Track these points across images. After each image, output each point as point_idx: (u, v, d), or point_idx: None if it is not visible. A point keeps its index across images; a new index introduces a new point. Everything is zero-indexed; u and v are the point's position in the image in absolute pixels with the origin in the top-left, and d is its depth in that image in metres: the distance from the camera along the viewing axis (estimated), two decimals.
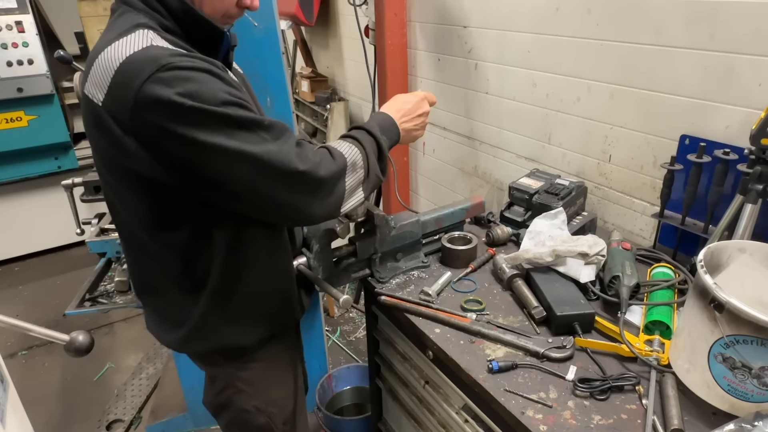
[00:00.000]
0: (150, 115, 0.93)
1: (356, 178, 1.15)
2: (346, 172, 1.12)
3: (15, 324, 1.16)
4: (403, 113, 1.30)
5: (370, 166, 1.17)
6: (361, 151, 1.15)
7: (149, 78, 0.91)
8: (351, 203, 1.16)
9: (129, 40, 0.98)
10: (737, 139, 1.37)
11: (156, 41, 0.99)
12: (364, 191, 1.18)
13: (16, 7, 3.30)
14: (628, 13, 1.58)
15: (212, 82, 0.97)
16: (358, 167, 1.14)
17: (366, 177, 1.17)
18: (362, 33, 2.78)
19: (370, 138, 1.19)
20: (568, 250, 1.36)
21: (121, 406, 2.62)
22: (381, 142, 1.20)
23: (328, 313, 3.24)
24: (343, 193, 1.13)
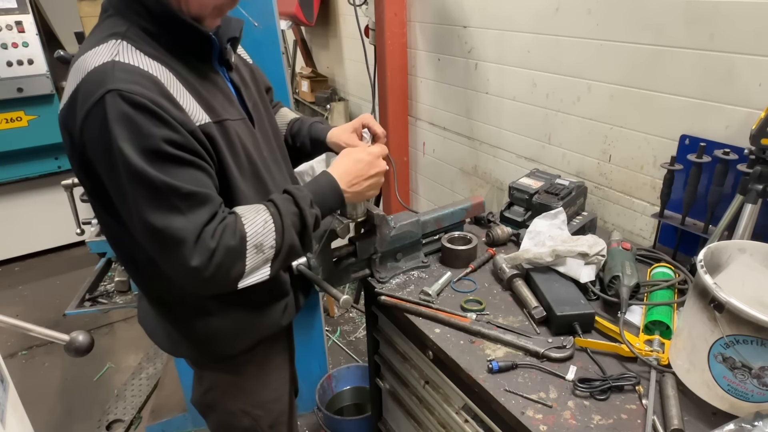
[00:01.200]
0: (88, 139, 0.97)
1: (260, 258, 1.06)
2: (246, 254, 1.03)
3: (15, 324, 1.15)
4: (352, 176, 1.22)
5: (284, 242, 1.07)
6: (276, 227, 1.06)
7: (95, 103, 0.93)
8: (250, 281, 1.06)
9: (97, 52, 0.98)
10: (737, 139, 1.37)
11: (122, 55, 0.98)
12: (272, 269, 1.09)
13: (16, 7, 3.30)
14: (628, 13, 1.58)
15: (147, 125, 0.94)
16: (265, 247, 1.05)
17: (276, 256, 1.08)
18: (362, 33, 2.79)
19: (295, 210, 1.10)
20: (568, 250, 1.36)
21: (121, 406, 2.62)
22: (305, 216, 1.10)
23: (328, 313, 3.24)
24: (240, 275, 1.04)
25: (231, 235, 1.00)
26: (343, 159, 1.25)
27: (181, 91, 1.02)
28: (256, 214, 1.06)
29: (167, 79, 1.01)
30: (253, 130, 1.22)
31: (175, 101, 0.99)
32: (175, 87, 1.01)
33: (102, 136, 0.94)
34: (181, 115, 0.99)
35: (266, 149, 1.26)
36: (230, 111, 1.14)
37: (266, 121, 1.31)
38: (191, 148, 0.99)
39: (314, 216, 1.12)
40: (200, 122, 1.03)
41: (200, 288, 1.04)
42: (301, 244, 1.12)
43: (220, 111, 1.10)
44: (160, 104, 0.95)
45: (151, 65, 1.00)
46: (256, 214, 1.06)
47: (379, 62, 2.72)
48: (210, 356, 1.29)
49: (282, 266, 1.12)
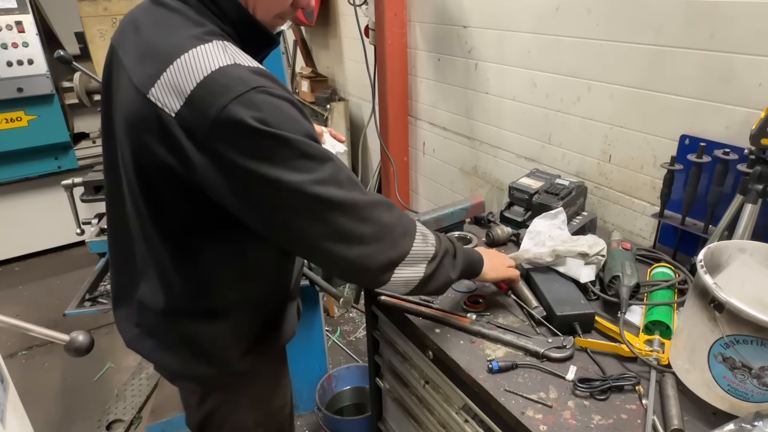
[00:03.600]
0: (230, 136, 0.87)
1: (422, 250, 1.05)
2: (416, 235, 1.05)
3: (15, 324, 1.16)
4: (490, 263, 1.27)
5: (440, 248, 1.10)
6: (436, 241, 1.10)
7: (237, 98, 0.85)
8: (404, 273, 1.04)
9: (211, 50, 0.91)
10: (737, 139, 1.37)
11: (238, 57, 0.92)
12: (426, 269, 1.06)
13: (16, 7, 3.30)
14: (628, 13, 1.58)
15: (296, 114, 0.91)
16: (428, 242, 1.07)
17: (434, 257, 1.07)
18: (362, 33, 2.78)
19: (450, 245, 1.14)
20: (568, 250, 1.36)
21: (121, 406, 2.62)
22: (458, 251, 1.15)
23: (328, 313, 3.24)
24: (404, 254, 1.03)
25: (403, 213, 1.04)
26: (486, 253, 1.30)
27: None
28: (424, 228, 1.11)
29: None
30: None
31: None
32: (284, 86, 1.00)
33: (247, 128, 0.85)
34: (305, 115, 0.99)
35: None
36: None
37: None
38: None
39: (461, 250, 1.17)
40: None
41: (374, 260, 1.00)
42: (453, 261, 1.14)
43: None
44: (293, 101, 0.93)
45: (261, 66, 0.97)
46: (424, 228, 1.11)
47: (379, 62, 2.72)
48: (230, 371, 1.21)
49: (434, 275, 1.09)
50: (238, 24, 1.02)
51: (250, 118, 0.85)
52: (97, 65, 2.62)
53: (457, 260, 1.14)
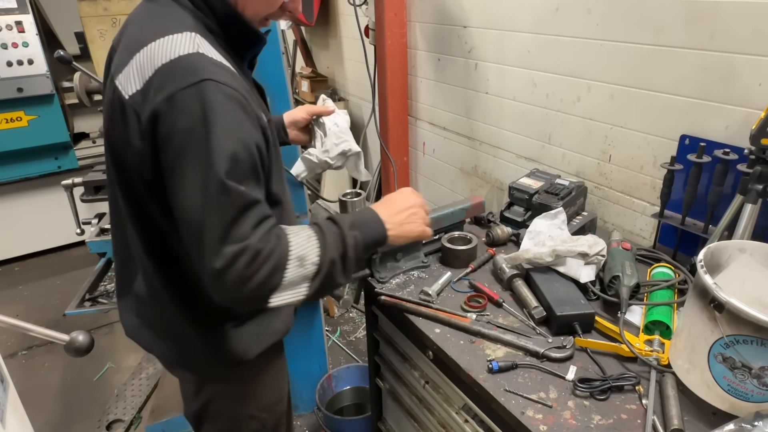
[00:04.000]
0: (169, 122, 0.91)
1: (299, 273, 0.99)
2: (287, 265, 0.97)
3: (15, 324, 1.16)
4: (391, 208, 1.19)
5: (325, 259, 1.01)
6: (319, 243, 1.01)
7: (188, 86, 0.90)
8: (284, 297, 0.99)
9: (178, 40, 0.95)
10: (737, 139, 1.37)
11: (203, 48, 0.96)
12: (310, 288, 1.01)
13: (16, 7, 3.30)
14: (628, 13, 1.58)
15: (243, 119, 0.94)
16: (307, 262, 0.99)
17: (316, 274, 1.01)
18: (362, 33, 2.78)
19: (336, 230, 1.06)
20: (568, 250, 1.36)
21: (121, 406, 2.62)
22: (345, 237, 1.05)
23: (328, 313, 3.24)
24: (276, 286, 0.97)
25: (275, 240, 0.96)
26: (380, 201, 1.24)
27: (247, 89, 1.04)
28: (300, 230, 1.03)
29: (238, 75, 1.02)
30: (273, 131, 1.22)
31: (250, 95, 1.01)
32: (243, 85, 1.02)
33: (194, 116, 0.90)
34: (257, 109, 1.01)
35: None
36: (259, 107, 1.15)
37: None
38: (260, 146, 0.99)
39: (353, 237, 1.06)
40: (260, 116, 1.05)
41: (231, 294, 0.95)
42: (343, 266, 1.05)
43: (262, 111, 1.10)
44: (246, 98, 0.96)
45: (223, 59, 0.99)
46: (300, 230, 1.03)
47: (379, 62, 2.72)
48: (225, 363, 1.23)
49: (320, 289, 1.03)
50: (223, 20, 1.05)
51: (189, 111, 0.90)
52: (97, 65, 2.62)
53: (348, 261, 1.06)
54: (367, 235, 1.11)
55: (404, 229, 1.18)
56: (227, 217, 0.92)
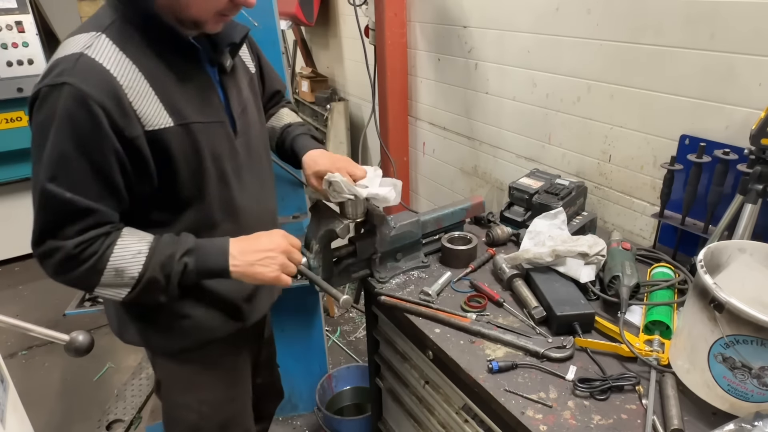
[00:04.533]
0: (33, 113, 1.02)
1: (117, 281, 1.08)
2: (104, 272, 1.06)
3: (15, 324, 1.16)
4: (247, 245, 1.16)
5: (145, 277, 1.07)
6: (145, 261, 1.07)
7: (52, 87, 0.98)
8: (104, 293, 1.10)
9: (75, 41, 1.03)
10: (737, 139, 1.37)
11: (93, 49, 1.01)
12: (128, 296, 1.10)
13: (16, 7, 3.30)
14: (628, 13, 1.58)
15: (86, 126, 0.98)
16: (125, 276, 1.07)
17: (134, 286, 1.08)
18: (362, 33, 2.78)
19: (170, 252, 1.09)
20: (568, 250, 1.36)
21: (121, 406, 2.62)
22: (173, 262, 1.08)
23: (328, 313, 3.24)
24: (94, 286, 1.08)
25: (96, 249, 1.04)
26: (248, 236, 1.20)
27: (144, 94, 1.04)
28: (136, 243, 1.08)
29: (132, 80, 1.03)
30: (230, 135, 1.21)
31: (125, 106, 1.01)
32: (136, 89, 1.03)
33: (45, 116, 0.99)
34: (124, 122, 1.01)
35: (245, 156, 1.25)
36: (207, 113, 1.14)
37: (254, 129, 1.30)
38: (115, 160, 1.02)
39: (183, 264, 1.09)
40: (154, 127, 1.05)
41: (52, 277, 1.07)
42: (165, 286, 1.10)
43: (188, 113, 1.10)
44: (106, 108, 0.99)
45: (119, 63, 1.02)
46: (136, 243, 1.08)
47: (379, 62, 2.72)
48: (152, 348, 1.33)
49: (140, 297, 1.10)
50: (146, 19, 1.06)
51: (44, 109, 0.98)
52: None
53: (171, 284, 1.10)
54: (202, 264, 1.12)
55: (253, 270, 1.15)
56: (49, 217, 1.01)
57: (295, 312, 2.27)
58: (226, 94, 1.21)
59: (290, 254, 1.20)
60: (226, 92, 1.21)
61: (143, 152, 1.05)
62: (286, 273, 1.19)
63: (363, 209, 1.37)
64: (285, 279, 1.18)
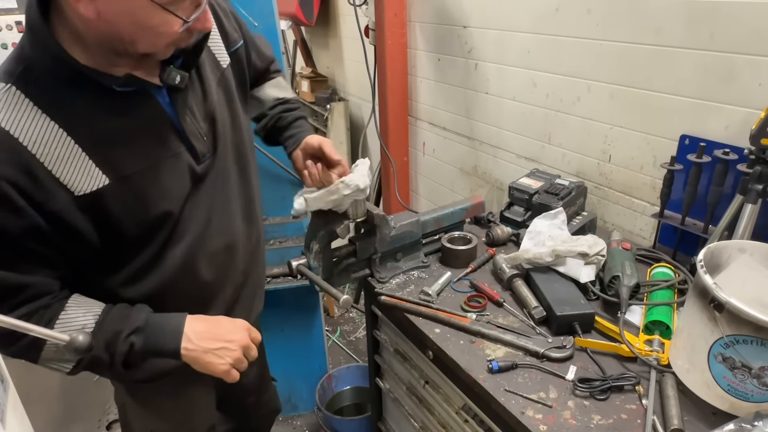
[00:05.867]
0: None
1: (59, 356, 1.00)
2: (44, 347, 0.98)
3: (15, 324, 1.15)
4: (205, 331, 1.08)
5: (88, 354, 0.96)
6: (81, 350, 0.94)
7: None
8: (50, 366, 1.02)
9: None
10: (737, 139, 1.37)
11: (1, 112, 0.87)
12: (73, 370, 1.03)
13: (16, 7, 3.30)
14: (628, 13, 1.58)
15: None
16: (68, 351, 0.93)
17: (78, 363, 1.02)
18: (362, 33, 2.78)
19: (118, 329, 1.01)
20: (568, 250, 1.36)
21: None
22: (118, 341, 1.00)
23: (328, 313, 3.24)
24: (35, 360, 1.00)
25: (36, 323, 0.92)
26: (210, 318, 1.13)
27: (65, 155, 0.91)
28: (82, 316, 0.99)
29: (48, 142, 0.90)
30: (191, 164, 1.09)
31: (40, 177, 0.89)
32: (54, 152, 0.90)
33: None
34: (41, 195, 0.90)
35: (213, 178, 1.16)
36: (154, 152, 1.02)
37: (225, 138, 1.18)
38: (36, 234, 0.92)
39: (129, 344, 1.01)
40: (85, 191, 0.94)
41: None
42: (110, 365, 1.02)
43: (126, 163, 0.98)
44: (17, 184, 0.87)
45: (33, 125, 0.89)
46: (82, 316, 0.99)
47: (379, 62, 2.72)
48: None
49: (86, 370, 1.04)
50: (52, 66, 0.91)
51: None
52: None
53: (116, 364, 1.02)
54: (151, 344, 1.03)
55: (205, 359, 1.06)
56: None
57: (295, 312, 2.27)
58: (179, 117, 1.06)
59: (248, 350, 1.12)
60: (180, 115, 1.06)
61: (73, 222, 0.94)
62: (238, 369, 1.11)
63: (363, 209, 1.37)
64: (234, 375, 1.10)
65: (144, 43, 0.92)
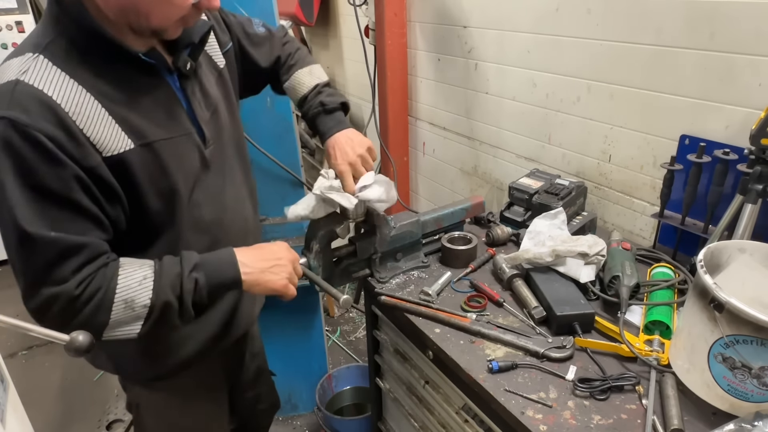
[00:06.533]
0: None
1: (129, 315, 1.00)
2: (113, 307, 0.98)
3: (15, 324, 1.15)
4: (256, 254, 1.13)
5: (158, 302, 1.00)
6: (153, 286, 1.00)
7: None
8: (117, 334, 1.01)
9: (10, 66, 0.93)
10: (737, 139, 1.37)
11: (31, 73, 0.91)
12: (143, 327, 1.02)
13: (16, 7, 3.31)
14: (628, 13, 1.58)
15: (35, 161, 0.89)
16: (137, 305, 0.99)
17: (149, 315, 1.01)
18: (362, 33, 2.78)
19: (177, 271, 1.03)
20: (568, 250, 1.36)
21: (121, 406, 2.62)
22: (183, 279, 1.02)
23: (328, 313, 3.24)
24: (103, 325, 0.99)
25: (99, 284, 0.96)
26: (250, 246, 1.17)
27: (95, 117, 0.95)
28: (139, 269, 1.01)
29: (79, 104, 0.93)
30: (199, 146, 1.14)
31: (75, 133, 0.92)
32: (86, 113, 0.94)
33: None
34: (78, 151, 0.93)
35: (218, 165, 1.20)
36: (170, 127, 1.07)
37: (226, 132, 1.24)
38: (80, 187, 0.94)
39: (194, 281, 1.03)
40: (113, 152, 0.97)
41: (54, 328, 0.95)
42: (180, 309, 1.03)
43: (149, 131, 1.03)
44: (55, 138, 0.90)
45: (62, 87, 0.92)
46: (139, 269, 1.01)
47: (379, 62, 2.72)
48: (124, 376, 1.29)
49: (156, 328, 1.03)
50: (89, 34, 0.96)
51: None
52: None
53: (185, 305, 1.03)
54: (212, 278, 1.06)
55: (264, 278, 1.11)
56: (39, 263, 0.92)
57: (295, 312, 2.27)
58: (189, 102, 1.13)
59: (296, 265, 1.18)
60: (190, 99, 1.13)
61: (107, 179, 0.97)
62: (292, 283, 1.17)
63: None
64: (292, 290, 1.16)
65: (158, 16, 0.97)
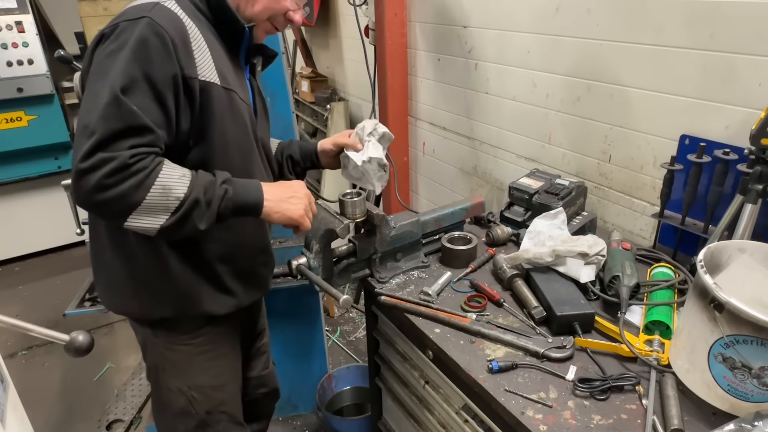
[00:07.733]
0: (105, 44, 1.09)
1: (161, 202, 1.06)
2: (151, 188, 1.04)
3: (15, 324, 1.15)
4: (278, 186, 1.24)
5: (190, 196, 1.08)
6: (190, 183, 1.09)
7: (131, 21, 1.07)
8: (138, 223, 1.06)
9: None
10: (737, 139, 1.37)
11: (166, 3, 1.13)
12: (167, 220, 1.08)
13: (16, 7, 3.30)
14: (628, 13, 1.58)
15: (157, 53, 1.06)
16: (171, 196, 1.06)
17: (178, 209, 1.07)
18: (362, 33, 2.79)
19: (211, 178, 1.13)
20: (568, 250, 1.36)
21: (121, 406, 2.62)
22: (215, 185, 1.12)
23: (328, 313, 3.24)
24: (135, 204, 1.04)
25: (147, 164, 1.04)
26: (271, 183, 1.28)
27: (202, 49, 1.15)
28: (180, 169, 1.11)
29: (195, 34, 1.14)
30: (253, 119, 1.32)
31: (189, 48, 1.12)
32: (198, 42, 1.14)
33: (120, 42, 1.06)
34: (187, 60, 1.11)
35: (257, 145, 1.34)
36: (242, 93, 1.26)
37: (263, 131, 1.40)
38: (173, 87, 1.09)
39: (224, 189, 1.13)
40: (206, 78, 1.14)
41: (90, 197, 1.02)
42: (206, 210, 1.11)
43: (232, 82, 1.21)
44: (175, 42, 1.08)
45: (186, 20, 1.14)
46: (180, 169, 1.11)
47: (379, 62, 2.72)
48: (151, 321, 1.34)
49: (177, 224, 1.09)
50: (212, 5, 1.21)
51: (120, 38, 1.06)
52: None
53: (211, 208, 1.12)
54: (239, 193, 1.16)
55: (282, 207, 1.21)
56: (112, 126, 1.01)
57: (295, 312, 2.27)
58: (252, 89, 1.35)
59: (311, 201, 1.28)
60: (252, 87, 1.36)
61: (194, 93, 1.13)
62: (308, 216, 1.25)
63: (363, 209, 1.37)
64: (307, 221, 1.25)
65: (261, 5, 1.23)
